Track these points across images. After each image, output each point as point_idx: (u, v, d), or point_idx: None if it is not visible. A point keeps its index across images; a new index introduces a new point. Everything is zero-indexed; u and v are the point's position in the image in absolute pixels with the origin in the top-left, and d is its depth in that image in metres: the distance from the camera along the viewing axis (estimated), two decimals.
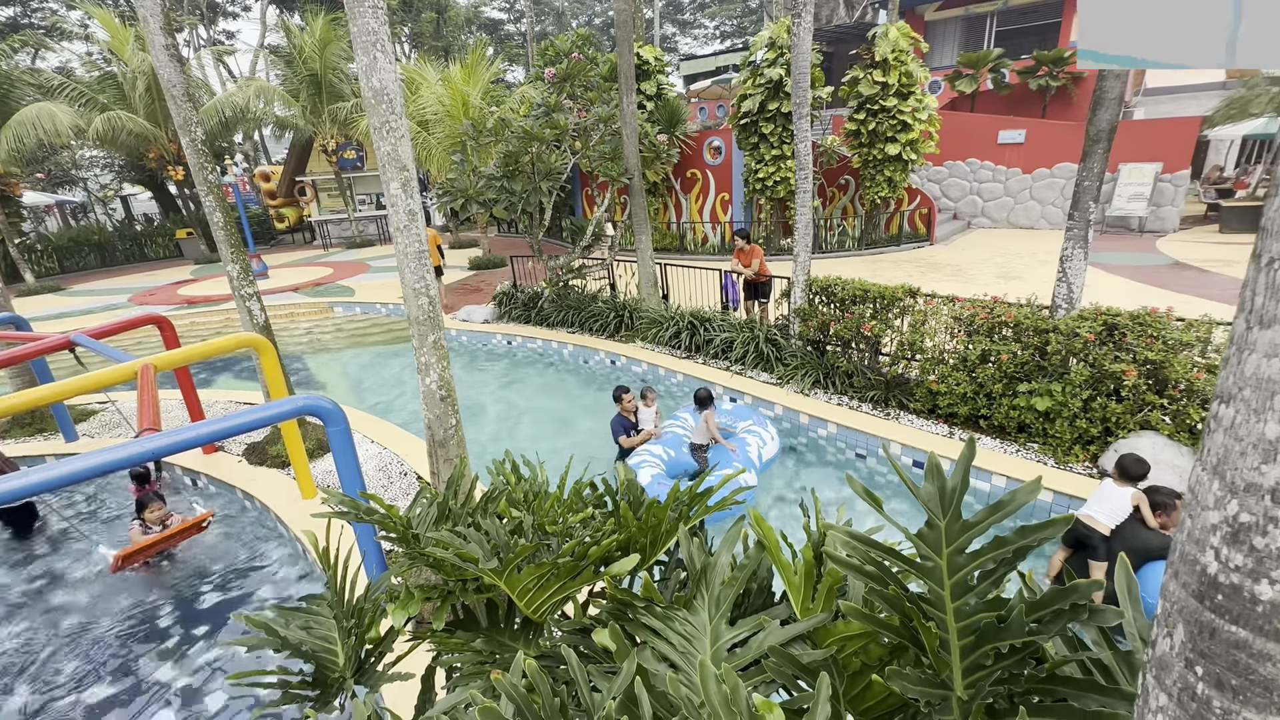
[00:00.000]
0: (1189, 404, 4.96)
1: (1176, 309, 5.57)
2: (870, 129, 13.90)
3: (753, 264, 9.00)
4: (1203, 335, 5.12)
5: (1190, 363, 5.00)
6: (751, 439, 6.24)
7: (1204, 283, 10.32)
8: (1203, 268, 11.36)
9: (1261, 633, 0.79)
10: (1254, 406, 0.77)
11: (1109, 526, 3.79)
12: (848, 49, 20.19)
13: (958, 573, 1.47)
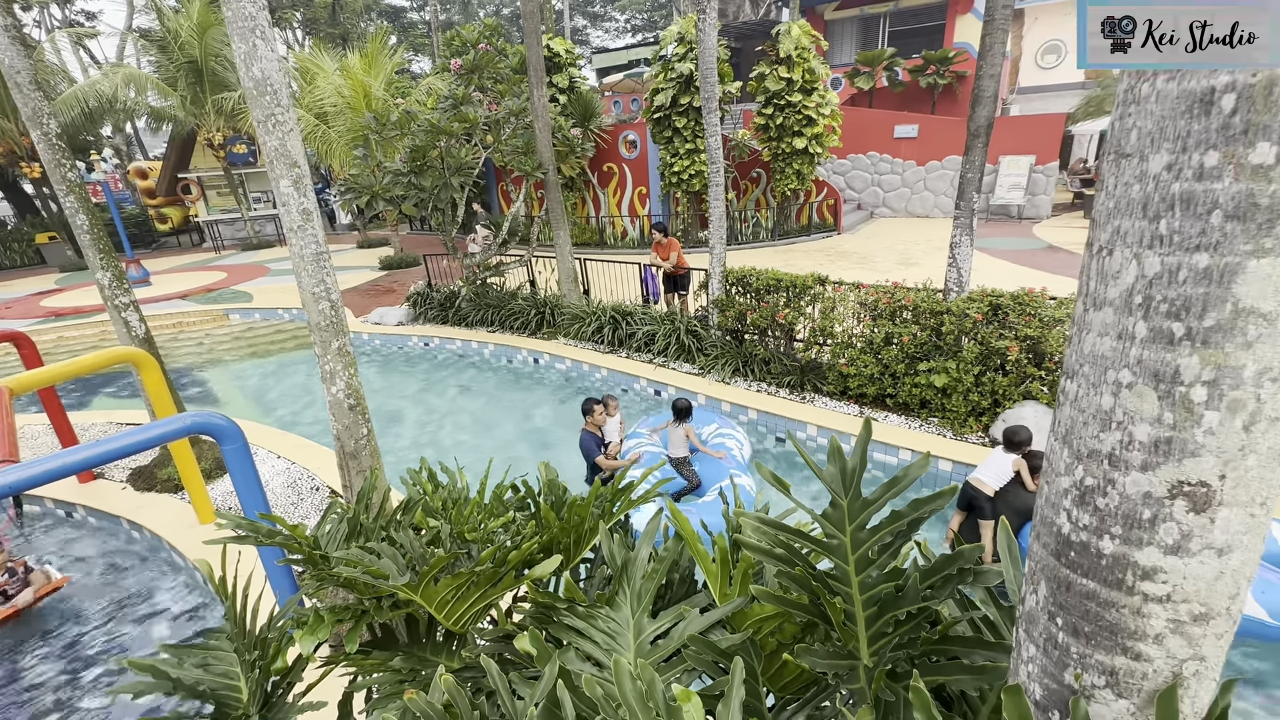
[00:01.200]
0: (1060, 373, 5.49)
1: (1050, 289, 6.14)
2: (778, 124, 14.38)
3: (671, 257, 9.11)
4: (1071, 312, 5.67)
5: (1063, 337, 5.53)
6: (730, 443, 5.92)
7: (1073, 264, 11.43)
8: (1071, 250, 12.59)
9: (1106, 583, 0.88)
10: (1092, 380, 0.85)
11: (993, 489, 4.14)
12: (754, 45, 20.75)
13: (860, 548, 1.55)
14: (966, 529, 4.32)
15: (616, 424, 5.93)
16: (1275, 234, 0.67)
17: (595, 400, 5.62)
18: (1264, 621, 3.38)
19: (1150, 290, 0.76)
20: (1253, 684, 3.49)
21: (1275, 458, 0.75)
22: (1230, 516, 0.78)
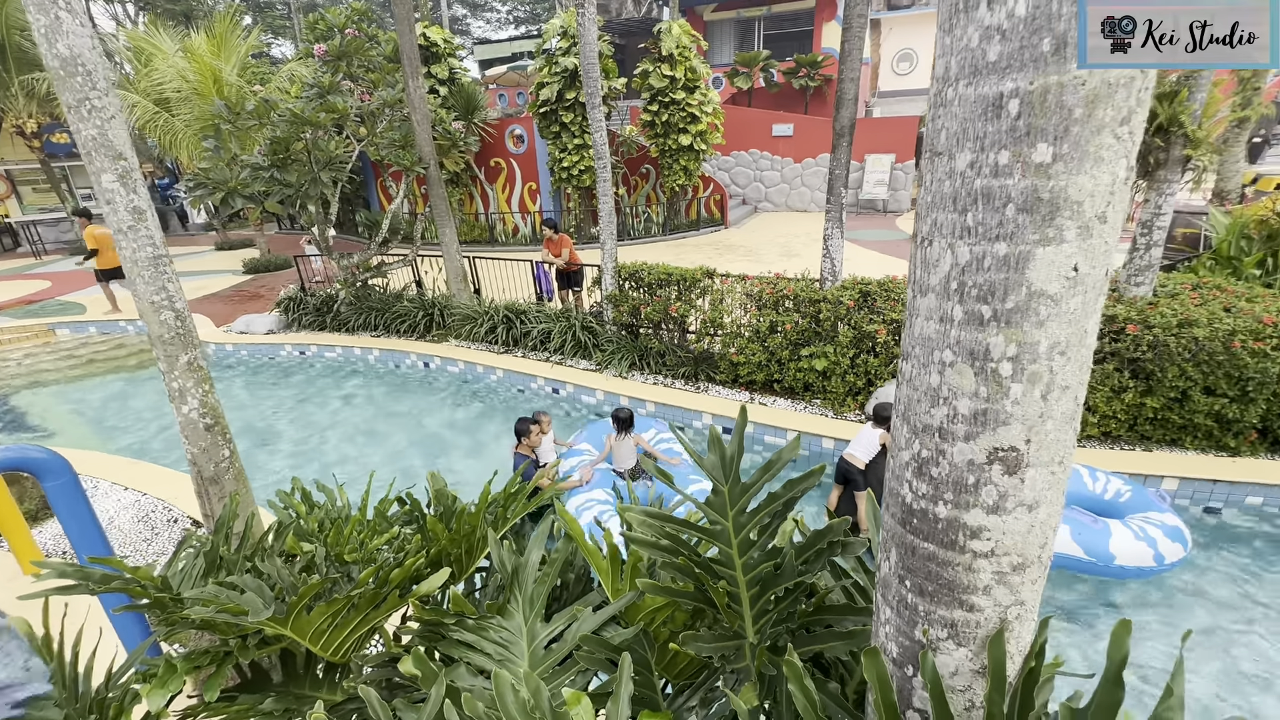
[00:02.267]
0: None
1: None
2: (664, 120, 14.66)
3: (563, 253, 9.03)
4: None
5: None
6: (676, 447, 5.68)
7: None
8: None
9: (943, 545, 0.96)
10: (922, 361, 0.93)
11: (864, 461, 4.47)
12: (638, 42, 21.00)
13: (742, 531, 1.61)
14: (844, 501, 4.63)
15: (550, 442, 5.53)
16: (1055, 225, 0.76)
17: (529, 420, 5.10)
18: (1080, 558, 3.92)
19: (963, 277, 0.84)
20: (1066, 613, 4.04)
21: (1067, 421, 0.86)
22: (1036, 476, 0.88)
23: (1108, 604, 4.12)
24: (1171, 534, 3.93)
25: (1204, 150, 4.90)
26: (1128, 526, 3.99)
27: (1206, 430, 5.09)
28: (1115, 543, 3.90)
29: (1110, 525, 4.02)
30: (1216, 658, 3.72)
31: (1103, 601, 4.13)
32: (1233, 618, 3.97)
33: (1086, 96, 0.71)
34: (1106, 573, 3.96)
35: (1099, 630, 3.94)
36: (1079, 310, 0.80)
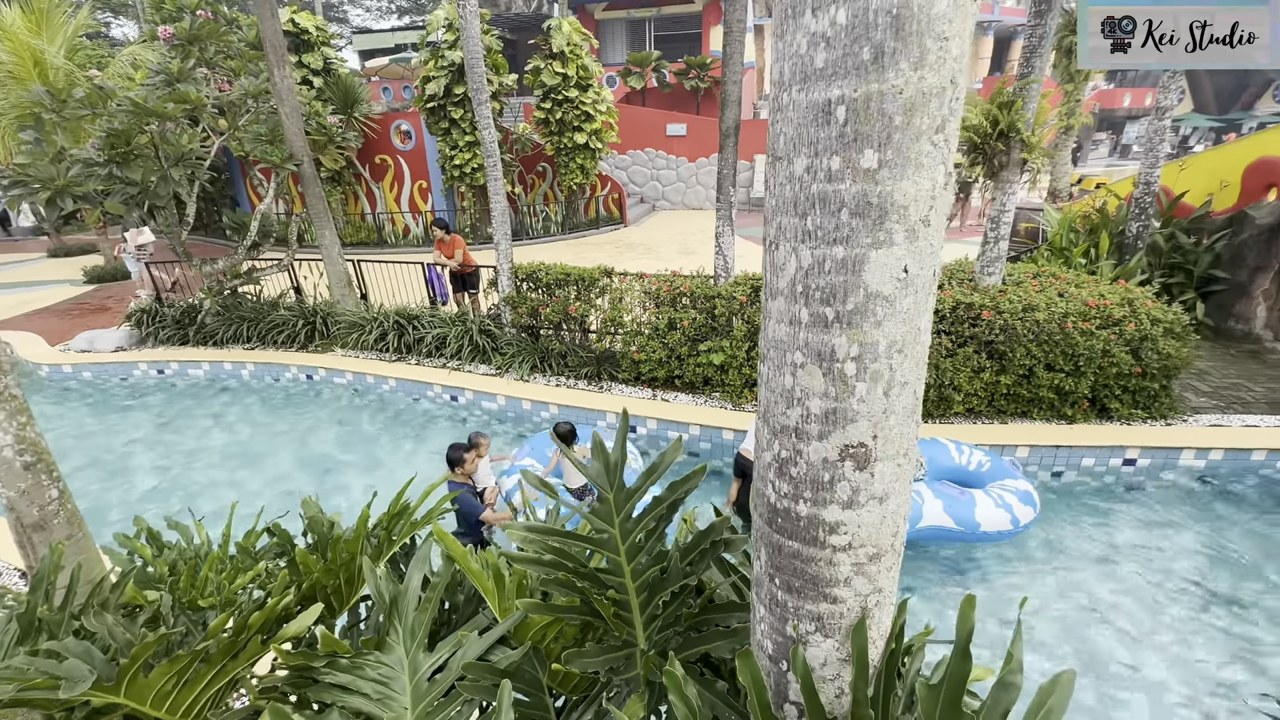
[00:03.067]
0: None
1: None
2: (558, 118, 14.49)
3: (456, 254, 8.69)
4: None
5: None
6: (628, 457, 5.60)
7: None
8: None
9: (805, 541, 0.98)
10: (777, 363, 0.94)
11: None
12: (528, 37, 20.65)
13: (629, 537, 1.59)
14: (743, 494, 4.77)
15: (488, 466, 5.19)
16: (885, 228, 0.79)
17: (463, 446, 4.63)
18: (952, 529, 4.30)
19: (807, 280, 0.85)
20: (938, 584, 4.42)
21: (909, 416, 0.90)
22: (884, 470, 0.92)
23: (977, 566, 4.54)
24: (1024, 499, 4.39)
25: (1037, 154, 5.53)
26: (989, 495, 4.43)
27: (1049, 402, 5.75)
28: (980, 511, 4.31)
29: (975, 495, 4.43)
30: (1063, 598, 4.20)
31: (972, 563, 4.55)
32: (1075, 564, 4.51)
33: (904, 105, 0.74)
34: (974, 539, 4.37)
35: (921, 594, 4.33)
36: (912, 310, 0.83)
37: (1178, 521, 4.95)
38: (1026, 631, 4.00)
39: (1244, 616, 4.06)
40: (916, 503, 4.35)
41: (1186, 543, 4.73)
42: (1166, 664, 3.75)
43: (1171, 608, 4.15)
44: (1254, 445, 5.29)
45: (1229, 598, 4.21)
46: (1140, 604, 4.20)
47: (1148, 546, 4.70)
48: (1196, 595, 4.25)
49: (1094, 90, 28.95)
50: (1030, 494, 4.45)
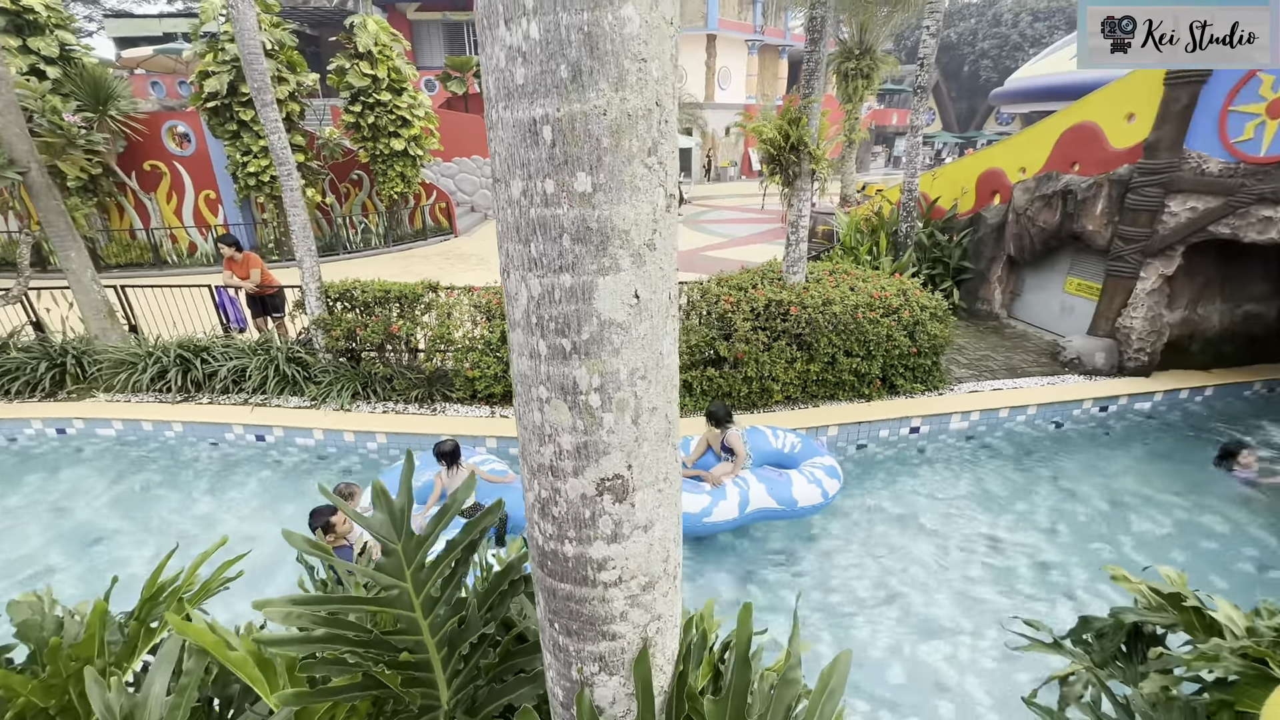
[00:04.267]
0: None
1: None
2: (370, 123, 13.46)
3: (251, 274, 7.65)
4: None
5: None
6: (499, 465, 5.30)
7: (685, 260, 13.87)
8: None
9: (576, 581, 0.93)
10: (525, 399, 0.88)
11: None
12: (332, 33, 18.98)
13: (424, 589, 1.44)
14: None
15: None
16: (610, 254, 0.76)
17: (326, 510, 3.86)
18: (775, 508, 4.66)
19: (540, 310, 0.80)
20: (769, 565, 4.79)
21: (663, 441, 0.89)
22: (645, 498, 0.90)
23: (804, 538, 4.96)
24: (830, 473, 4.89)
25: (823, 165, 6.21)
26: (802, 473, 4.86)
27: (850, 384, 6.47)
28: (796, 489, 4.71)
29: (791, 475, 4.84)
30: (871, 553, 4.74)
31: (799, 537, 4.96)
32: (879, 521, 5.11)
33: (610, 126, 0.71)
34: (794, 514, 4.78)
35: (802, 567, 4.71)
36: (650, 335, 0.81)
37: (954, 474, 5.83)
38: (847, 587, 4.45)
39: (1003, 549, 4.88)
40: (744, 488, 4.64)
41: (961, 490, 5.59)
42: (952, 598, 4.38)
43: (954, 551, 4.86)
44: (1000, 405, 6.41)
45: (992, 535, 5.04)
46: (931, 547, 4.87)
47: (934, 497, 5.47)
48: (971, 535, 5.02)
49: (869, 109, 33.55)
50: (835, 468, 4.96)
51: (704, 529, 4.55)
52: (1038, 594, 4.44)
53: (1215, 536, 5.02)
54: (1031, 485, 5.70)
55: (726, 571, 4.66)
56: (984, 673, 3.79)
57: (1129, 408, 6.78)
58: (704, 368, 6.43)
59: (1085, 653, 2.42)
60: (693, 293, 6.97)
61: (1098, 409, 6.68)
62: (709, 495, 4.60)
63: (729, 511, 4.55)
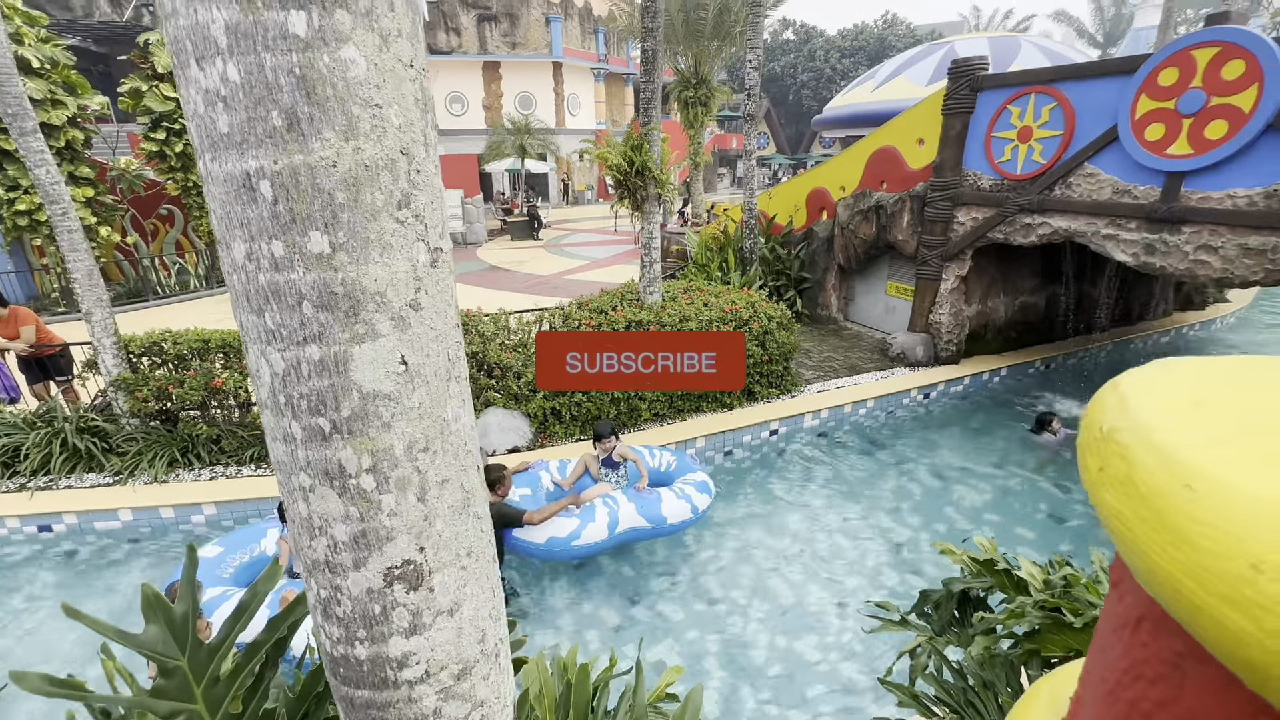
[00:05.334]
0: (506, 377, 6.34)
1: (488, 305, 7.00)
2: (178, 151, 11.94)
3: (23, 333, 6.39)
4: (502, 324, 6.62)
5: (500, 346, 6.39)
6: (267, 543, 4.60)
7: (510, 280, 13.63)
8: (507, 268, 14.99)
9: (375, 686, 0.81)
10: (287, 488, 0.75)
11: None
12: (123, 51, 16.68)
13: (220, 706, 1.22)
14: None
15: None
16: (363, 319, 0.68)
17: None
18: (645, 527, 4.66)
19: (287, 388, 0.69)
20: (652, 579, 4.82)
21: (459, 513, 0.81)
22: (446, 579, 0.81)
23: (683, 550, 5.03)
24: (701, 488, 5.01)
25: (668, 189, 6.47)
26: (671, 491, 4.95)
27: (714, 396, 6.74)
28: (665, 507, 4.76)
29: (660, 493, 4.90)
30: (745, 556, 4.92)
31: (679, 549, 5.03)
32: (751, 524, 5.33)
33: (345, 180, 0.63)
34: (665, 531, 4.82)
35: (681, 578, 4.76)
36: (427, 403, 0.74)
37: (812, 470, 6.26)
38: (726, 592, 4.57)
39: (860, 535, 5.30)
40: (614, 509, 4.60)
41: (819, 485, 6.01)
42: (822, 587, 4.66)
43: (820, 543, 5.19)
44: (844, 401, 7.01)
45: (850, 524, 5.45)
46: (797, 541, 5.16)
47: (798, 494, 5.82)
48: (833, 526, 5.40)
49: (711, 134, 35.87)
50: (706, 483, 5.10)
51: (573, 553, 4.43)
52: (894, 573, 4.85)
53: (1026, 496, 5.83)
54: (878, 471, 6.27)
55: (608, 594, 4.59)
56: (856, 656, 4.05)
57: (945, 392, 7.73)
58: (571, 393, 6.37)
59: (927, 624, 2.64)
60: (554, 318, 6.91)
61: (922, 396, 7.54)
62: (577, 518, 4.50)
63: (598, 534, 4.48)
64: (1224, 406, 0.34)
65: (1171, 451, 0.31)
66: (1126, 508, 0.32)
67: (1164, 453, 0.31)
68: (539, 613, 4.44)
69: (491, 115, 27.67)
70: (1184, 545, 0.29)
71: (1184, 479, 0.30)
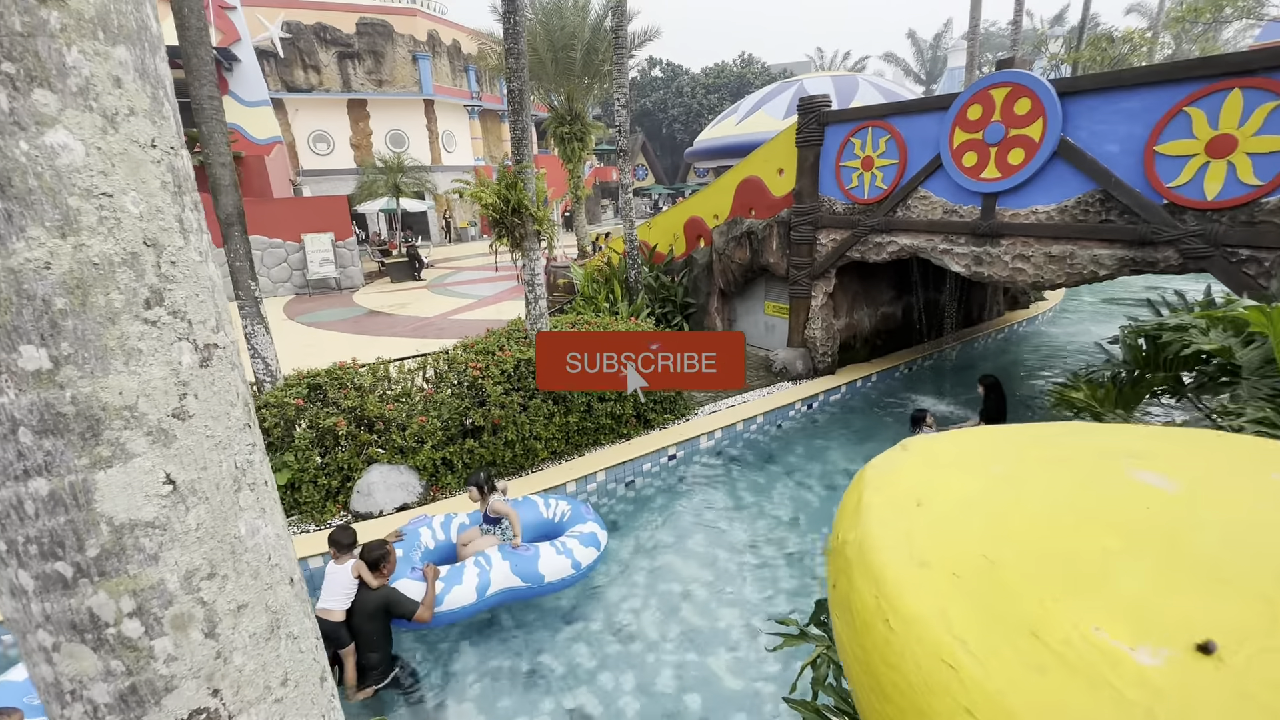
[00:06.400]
0: (390, 431, 5.96)
1: (367, 353, 6.57)
2: None
3: None
4: (381, 375, 6.24)
5: (379, 398, 6.00)
6: None
7: (392, 324, 12.93)
8: (388, 312, 14.23)
9: None
10: (22, 649, 0.62)
11: (343, 611, 3.76)
12: None
13: None
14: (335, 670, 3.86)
15: None
16: (109, 440, 0.57)
17: None
18: (520, 587, 4.38)
19: (7, 533, 0.57)
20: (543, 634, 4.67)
21: (264, 640, 0.71)
22: (258, 716, 0.70)
23: (590, 592, 4.90)
24: (587, 541, 4.68)
25: (546, 225, 6.46)
26: (552, 546, 4.57)
27: (610, 428, 6.73)
28: (543, 564, 4.41)
29: (539, 549, 4.51)
30: (654, 588, 4.88)
31: (585, 593, 4.89)
32: (659, 553, 5.31)
33: (65, 283, 0.54)
34: (541, 591, 4.47)
35: (591, 623, 4.63)
36: (209, 522, 0.64)
37: (712, 491, 6.38)
38: (641, 628, 4.49)
39: (762, 551, 5.45)
40: (485, 568, 4.29)
41: (720, 505, 6.13)
42: (730, 607, 4.71)
43: (725, 561, 5.26)
44: (735, 419, 7.26)
45: (752, 540, 5.59)
46: (704, 565, 5.20)
47: (700, 517, 5.90)
48: (736, 544, 5.50)
49: (592, 167, 36.62)
50: (594, 535, 4.80)
51: (436, 620, 4.05)
52: (797, 586, 5.02)
53: None
54: (773, 485, 6.52)
55: (518, 650, 4.35)
56: (772, 677, 4.11)
57: (826, 401, 8.25)
58: (462, 440, 6.09)
59: (825, 634, 2.71)
60: (439, 364, 6.61)
61: (805, 407, 7.99)
62: (441, 581, 4.14)
63: (464, 597, 4.11)
64: (939, 506, 0.36)
65: (881, 578, 0.32)
66: (846, 636, 0.32)
67: (876, 578, 0.32)
68: (445, 689, 4.12)
69: (362, 154, 26.52)
70: (881, 696, 0.30)
71: (885, 613, 0.30)
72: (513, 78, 6.24)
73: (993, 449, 0.42)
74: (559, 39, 14.64)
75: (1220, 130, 4.77)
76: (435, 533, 4.95)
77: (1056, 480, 0.40)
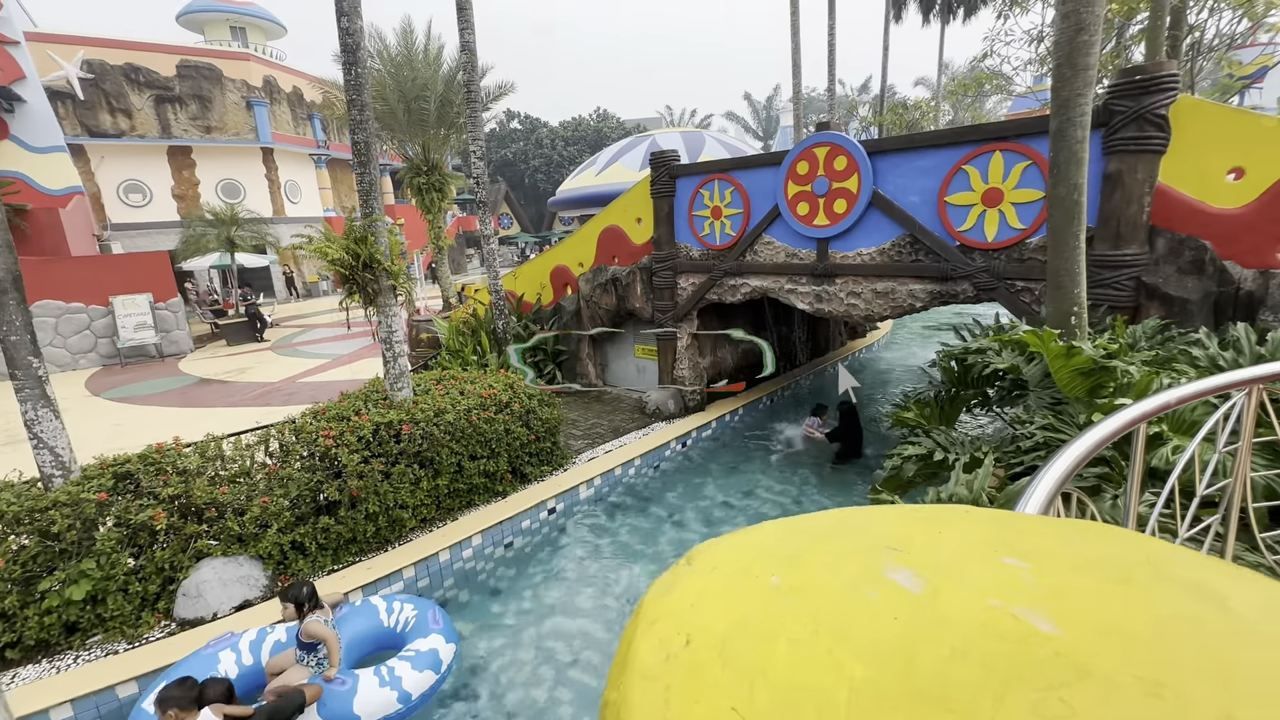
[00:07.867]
0: (226, 517, 5.22)
1: (191, 432, 5.73)
2: None
3: None
4: (212, 454, 5.48)
5: (210, 480, 5.25)
6: None
7: (229, 392, 11.51)
8: (224, 379, 12.68)
9: None
10: None
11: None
12: None
13: None
14: None
15: None
16: None
17: None
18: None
19: None
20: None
21: None
22: None
23: (473, 664, 4.52)
24: (422, 663, 4.05)
25: (401, 279, 6.16)
26: (375, 674, 3.93)
27: (483, 486, 6.42)
28: (359, 700, 3.75)
29: (357, 680, 3.86)
30: (543, 657, 4.63)
31: (472, 668, 4.51)
32: (544, 618, 5.06)
33: None
34: None
35: (478, 703, 4.26)
36: None
37: (596, 541, 6.26)
38: (532, 702, 4.20)
39: None
40: None
41: (606, 554, 6.02)
42: None
43: (614, 615, 5.14)
44: (613, 465, 7.26)
45: (639, 589, 5.53)
46: (594, 621, 5.04)
47: (584, 571, 5.74)
48: (625, 594, 5.41)
49: (454, 217, 35.92)
50: (436, 652, 4.21)
51: None
52: None
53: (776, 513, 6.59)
54: (656, 527, 6.54)
55: None
56: None
57: (698, 438, 8.53)
58: (315, 519, 5.49)
59: None
60: (284, 434, 5.95)
61: (680, 445, 8.20)
62: None
63: None
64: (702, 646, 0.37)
65: None
66: None
67: None
68: None
69: (187, 205, 23.86)
70: None
71: None
72: (357, 130, 5.99)
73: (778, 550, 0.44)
74: (410, 90, 14.37)
75: (990, 184, 5.75)
76: (242, 656, 4.15)
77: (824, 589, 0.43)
